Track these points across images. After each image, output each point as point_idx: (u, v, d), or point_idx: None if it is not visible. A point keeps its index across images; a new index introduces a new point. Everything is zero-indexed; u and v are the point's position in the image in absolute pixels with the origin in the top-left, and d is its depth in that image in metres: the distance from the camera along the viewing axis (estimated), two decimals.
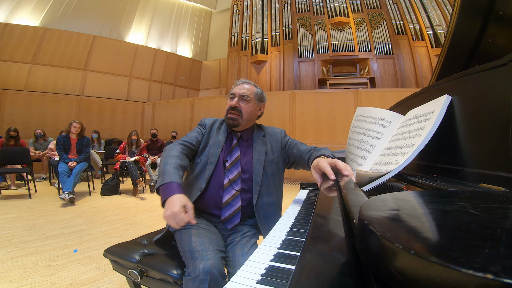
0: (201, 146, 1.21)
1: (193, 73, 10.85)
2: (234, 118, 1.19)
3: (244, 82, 1.25)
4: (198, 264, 0.85)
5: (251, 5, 8.76)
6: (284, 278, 0.55)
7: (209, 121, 1.27)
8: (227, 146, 1.21)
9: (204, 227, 1.04)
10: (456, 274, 0.15)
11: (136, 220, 2.90)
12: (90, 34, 8.25)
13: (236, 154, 1.19)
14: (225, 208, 1.11)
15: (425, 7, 7.46)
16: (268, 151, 1.24)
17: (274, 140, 1.28)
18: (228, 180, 1.14)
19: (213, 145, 1.19)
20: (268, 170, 1.20)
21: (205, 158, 1.17)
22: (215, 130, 1.25)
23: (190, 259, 0.89)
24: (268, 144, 1.26)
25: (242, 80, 1.26)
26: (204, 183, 1.11)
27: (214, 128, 1.25)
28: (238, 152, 1.20)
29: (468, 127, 0.61)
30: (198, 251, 0.90)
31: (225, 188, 1.13)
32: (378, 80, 7.52)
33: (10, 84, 6.93)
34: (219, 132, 1.24)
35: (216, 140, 1.21)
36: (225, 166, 1.16)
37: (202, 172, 1.15)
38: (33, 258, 1.88)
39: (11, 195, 4.02)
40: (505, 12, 1.01)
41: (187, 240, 0.96)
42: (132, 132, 4.60)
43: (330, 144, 5.54)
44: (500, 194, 0.38)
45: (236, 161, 1.18)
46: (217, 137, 1.22)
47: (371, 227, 0.23)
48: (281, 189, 1.28)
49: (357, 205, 0.48)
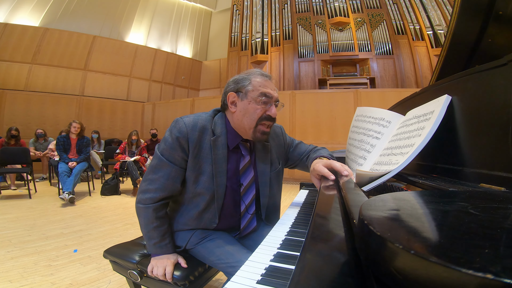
0: (190, 172, 0.90)
1: (193, 73, 10.84)
2: (268, 132, 0.93)
3: (270, 77, 0.96)
4: (244, 258, 0.75)
5: (251, 5, 8.76)
6: (284, 278, 0.55)
7: (192, 133, 0.88)
8: (232, 164, 0.95)
9: (217, 236, 0.98)
10: (456, 274, 0.15)
11: (136, 220, 2.88)
12: (90, 34, 8.25)
13: (250, 174, 0.97)
14: (243, 231, 1.03)
15: (425, 7, 7.46)
16: (273, 160, 1.05)
17: (277, 145, 1.09)
18: (244, 206, 0.97)
19: (217, 174, 0.90)
20: (273, 180, 1.04)
21: (203, 190, 0.91)
22: (206, 145, 0.90)
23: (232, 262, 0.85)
24: (273, 151, 1.06)
25: (268, 74, 0.95)
26: (215, 219, 0.95)
27: (204, 142, 0.90)
28: (252, 172, 0.98)
29: (468, 127, 0.61)
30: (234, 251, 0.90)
31: (242, 216, 0.99)
32: (378, 80, 7.52)
33: (10, 84, 6.93)
34: (217, 148, 0.91)
35: (219, 165, 0.91)
36: (240, 192, 0.96)
37: (208, 207, 0.94)
38: (33, 258, 1.88)
39: (11, 195, 4.02)
40: (505, 12, 1.01)
41: (219, 250, 0.91)
42: (132, 132, 4.60)
43: (330, 144, 5.54)
44: (500, 194, 0.38)
45: (251, 183, 0.97)
46: (218, 160, 0.91)
47: (371, 227, 0.23)
48: (281, 190, 1.15)
49: (357, 205, 0.48)
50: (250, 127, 0.90)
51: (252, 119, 0.90)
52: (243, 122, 0.91)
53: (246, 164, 0.97)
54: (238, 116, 0.92)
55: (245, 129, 0.92)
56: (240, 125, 0.92)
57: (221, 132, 0.93)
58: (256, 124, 0.90)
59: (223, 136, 0.93)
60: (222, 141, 0.92)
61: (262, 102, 0.89)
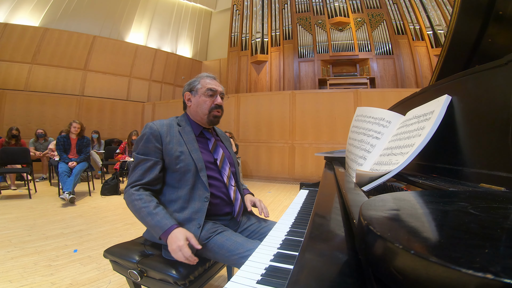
0: (169, 157, 1.05)
1: (193, 73, 10.76)
2: (220, 116, 1.17)
3: (215, 77, 1.22)
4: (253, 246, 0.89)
5: (251, 5, 8.76)
6: (284, 278, 0.55)
7: (161, 128, 1.08)
8: (203, 145, 1.15)
9: (224, 229, 1.06)
10: (456, 274, 0.15)
11: (136, 220, 2.87)
12: (90, 34, 8.24)
13: (219, 150, 1.17)
14: (235, 204, 1.14)
15: (425, 7, 7.46)
16: (228, 146, 1.30)
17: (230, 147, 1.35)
18: (226, 177, 1.14)
19: (192, 150, 1.07)
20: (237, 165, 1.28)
21: (186, 167, 1.05)
22: (175, 133, 1.10)
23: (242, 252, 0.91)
24: (224, 137, 1.34)
25: (211, 75, 1.21)
26: (207, 191, 1.06)
27: (173, 132, 1.10)
28: (221, 149, 1.19)
29: (468, 127, 0.61)
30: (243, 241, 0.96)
31: (228, 187, 1.13)
32: (378, 80, 7.52)
33: (10, 84, 6.93)
34: (185, 133, 1.11)
35: (191, 144, 1.09)
36: (217, 165, 1.14)
37: (197, 182, 1.06)
38: (33, 258, 1.88)
39: (11, 195, 4.02)
40: (505, 12, 1.01)
41: (229, 242, 0.96)
42: (132, 132, 4.61)
43: (330, 144, 5.54)
44: (500, 194, 0.38)
45: (223, 157, 1.17)
46: (189, 141, 1.10)
47: (371, 227, 0.23)
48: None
49: (357, 205, 0.48)
50: (205, 114, 1.14)
51: (204, 108, 1.14)
52: (197, 112, 1.15)
53: (214, 144, 1.18)
54: (194, 108, 1.16)
55: (201, 116, 1.15)
56: (196, 115, 1.16)
57: (185, 124, 1.15)
58: (209, 111, 1.14)
59: (188, 126, 1.15)
60: (188, 129, 1.14)
61: (209, 95, 1.14)
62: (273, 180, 5.91)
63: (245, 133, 6.28)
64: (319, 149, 5.57)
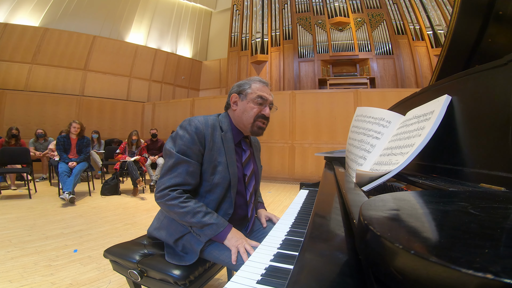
0: (207, 165, 1.00)
1: (193, 73, 10.84)
2: (264, 128, 1.07)
3: (267, 84, 1.11)
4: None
5: (251, 5, 8.76)
6: (284, 278, 0.55)
7: (206, 129, 1.00)
8: (238, 157, 1.08)
9: None
10: (456, 274, 0.15)
11: (136, 220, 2.90)
12: (90, 34, 8.24)
13: (250, 165, 1.12)
14: (249, 221, 1.13)
15: (425, 7, 7.46)
16: (257, 156, 1.25)
17: (258, 154, 1.29)
18: (249, 194, 1.09)
19: (230, 163, 1.02)
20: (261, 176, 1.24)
21: (221, 180, 1.00)
22: (218, 139, 1.03)
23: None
24: (256, 147, 1.27)
25: (264, 80, 1.11)
26: (231, 208, 1.03)
27: (216, 137, 1.02)
28: (252, 164, 1.13)
29: (468, 127, 0.61)
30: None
31: (248, 203, 1.10)
32: (378, 80, 7.52)
33: (10, 84, 6.93)
34: (227, 140, 1.04)
35: (230, 155, 1.03)
36: (245, 182, 1.09)
37: (225, 197, 1.02)
38: (33, 258, 1.88)
39: (11, 195, 4.02)
40: (505, 12, 1.01)
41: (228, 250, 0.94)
42: (132, 132, 4.60)
43: (330, 144, 5.54)
44: (500, 194, 0.38)
45: (252, 173, 1.11)
46: (229, 151, 1.03)
47: (371, 227, 0.23)
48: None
49: (357, 205, 0.48)
50: (249, 122, 1.05)
51: (249, 116, 1.05)
52: (242, 119, 1.06)
53: (248, 157, 1.12)
54: (239, 113, 1.07)
55: (244, 124, 1.07)
56: (240, 121, 1.08)
57: (227, 128, 1.07)
58: (254, 120, 1.05)
59: (230, 132, 1.07)
60: (229, 136, 1.06)
61: (258, 103, 1.05)
62: (273, 180, 5.91)
63: None
64: (319, 149, 5.57)
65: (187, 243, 0.99)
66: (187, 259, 0.97)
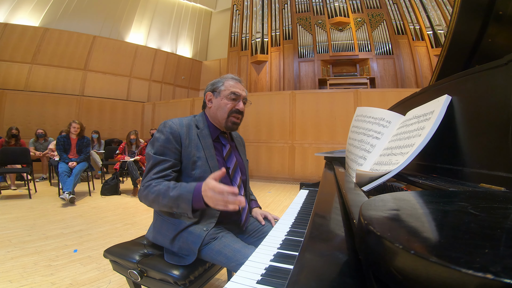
0: (186, 161, 1.03)
1: (193, 73, 10.84)
2: (238, 123, 1.12)
3: (240, 80, 1.17)
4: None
5: (251, 5, 8.76)
6: (284, 278, 0.55)
7: (181, 129, 1.05)
8: (218, 152, 1.12)
9: (224, 234, 1.02)
10: (456, 274, 0.15)
11: (136, 220, 2.90)
12: (90, 34, 8.24)
13: (233, 158, 1.14)
14: (242, 213, 1.13)
15: (425, 7, 7.45)
16: (241, 151, 1.27)
17: (243, 150, 1.32)
18: (236, 186, 1.11)
19: (209, 157, 1.05)
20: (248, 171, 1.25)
21: (202, 174, 1.02)
22: (194, 136, 1.07)
23: (240, 258, 0.88)
24: (243, 151, 1.30)
25: (238, 78, 1.17)
26: None
27: (192, 135, 1.07)
28: (234, 157, 1.15)
29: (468, 127, 0.61)
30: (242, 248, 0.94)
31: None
32: (378, 80, 7.51)
33: (10, 84, 6.93)
34: (203, 137, 1.08)
35: (208, 150, 1.07)
36: (230, 174, 1.11)
37: None
38: (33, 258, 1.88)
39: (11, 195, 4.01)
40: (505, 12, 1.01)
41: (227, 249, 0.93)
42: (130, 132, 4.60)
43: (330, 144, 5.54)
44: (500, 194, 0.38)
45: (236, 166, 1.14)
46: (207, 146, 1.07)
47: (371, 227, 0.23)
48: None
49: (357, 205, 0.48)
50: (223, 118, 1.10)
51: (223, 112, 1.09)
52: (217, 115, 1.11)
53: (228, 151, 1.15)
54: (214, 110, 1.12)
55: (219, 120, 1.11)
56: (215, 118, 1.12)
57: (203, 125, 1.12)
58: (227, 115, 1.09)
59: (206, 129, 1.11)
60: (206, 132, 1.10)
61: (231, 99, 1.10)
62: (273, 180, 5.91)
63: (245, 133, 6.27)
64: (319, 149, 5.57)
65: (184, 243, 0.99)
66: (186, 260, 0.97)
